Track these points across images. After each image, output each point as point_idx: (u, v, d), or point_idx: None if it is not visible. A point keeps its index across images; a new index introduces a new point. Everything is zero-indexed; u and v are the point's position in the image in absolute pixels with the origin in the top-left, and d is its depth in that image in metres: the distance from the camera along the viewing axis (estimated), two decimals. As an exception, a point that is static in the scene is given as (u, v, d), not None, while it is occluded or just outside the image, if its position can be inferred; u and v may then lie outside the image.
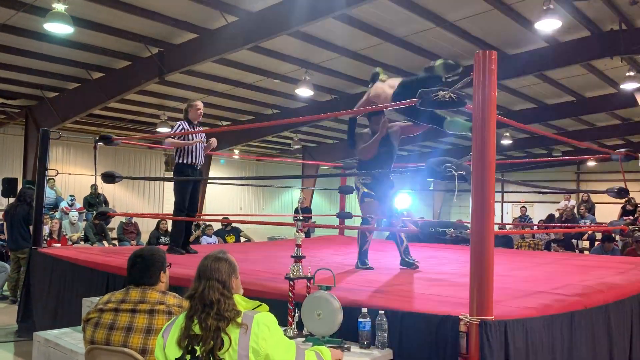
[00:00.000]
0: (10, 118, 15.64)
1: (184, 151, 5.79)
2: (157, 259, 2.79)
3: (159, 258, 2.81)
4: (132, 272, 2.75)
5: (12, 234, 7.88)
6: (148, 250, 2.88)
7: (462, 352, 2.62)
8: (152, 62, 10.22)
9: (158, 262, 2.79)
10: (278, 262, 5.16)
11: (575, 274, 4.60)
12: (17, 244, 7.81)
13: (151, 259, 2.77)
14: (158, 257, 2.81)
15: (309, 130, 18.69)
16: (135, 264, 2.76)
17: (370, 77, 4.98)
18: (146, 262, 2.76)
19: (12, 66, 11.08)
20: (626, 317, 4.02)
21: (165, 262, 2.85)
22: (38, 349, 3.90)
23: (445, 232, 3.04)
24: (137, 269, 2.74)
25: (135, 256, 2.80)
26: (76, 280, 5.18)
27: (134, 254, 2.83)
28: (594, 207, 14.36)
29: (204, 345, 2.13)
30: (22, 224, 7.78)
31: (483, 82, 2.71)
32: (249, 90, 13.12)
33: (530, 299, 3.30)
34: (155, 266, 2.77)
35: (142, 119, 16.37)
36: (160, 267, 2.79)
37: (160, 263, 2.80)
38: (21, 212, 7.87)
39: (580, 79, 12.06)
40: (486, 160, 2.66)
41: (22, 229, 7.77)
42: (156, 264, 2.77)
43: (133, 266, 2.76)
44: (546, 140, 19.50)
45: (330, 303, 2.88)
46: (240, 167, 24.71)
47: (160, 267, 2.79)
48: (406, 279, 4.24)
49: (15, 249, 7.85)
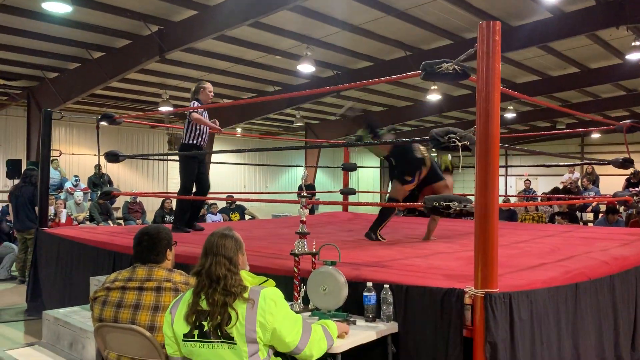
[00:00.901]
0: (12, 99, 15.61)
1: (196, 132, 5.62)
2: (163, 237, 2.81)
3: (165, 236, 2.82)
4: (139, 250, 2.77)
5: (18, 215, 7.93)
6: (154, 228, 2.89)
7: (467, 324, 2.64)
8: (152, 40, 10.14)
9: (164, 240, 2.80)
10: (283, 238, 5.18)
11: (579, 246, 4.61)
12: (23, 225, 7.88)
13: (157, 237, 2.78)
14: (164, 235, 2.82)
15: (311, 107, 18.60)
16: (141, 242, 2.77)
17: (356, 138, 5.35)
18: (152, 239, 2.77)
19: (12, 47, 11.01)
20: (631, 288, 4.03)
21: (171, 240, 2.86)
22: (48, 327, 3.95)
23: (449, 206, 3.04)
24: (143, 247, 2.76)
25: (141, 234, 2.81)
26: (83, 260, 5.22)
27: (140, 231, 2.84)
28: (599, 179, 14.33)
29: (212, 320, 2.16)
30: (27, 205, 7.82)
31: (487, 54, 2.67)
32: (250, 68, 13.03)
33: (534, 271, 3.32)
34: (162, 244, 2.78)
35: (144, 98, 16.32)
36: (166, 245, 2.80)
37: (167, 241, 2.81)
38: (26, 193, 7.91)
39: (585, 49, 11.91)
40: (490, 132, 2.64)
41: (28, 210, 7.81)
42: (162, 241, 2.78)
43: (139, 244, 2.77)
44: (550, 112, 19.37)
45: (336, 278, 2.89)
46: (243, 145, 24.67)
47: (166, 245, 2.80)
48: (411, 253, 4.26)
49: (22, 229, 7.92)
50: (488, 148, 2.64)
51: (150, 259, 2.74)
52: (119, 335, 2.60)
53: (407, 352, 2.83)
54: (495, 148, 2.66)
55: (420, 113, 18.67)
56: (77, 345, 3.62)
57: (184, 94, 15.95)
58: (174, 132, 18.23)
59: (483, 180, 2.65)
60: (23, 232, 7.91)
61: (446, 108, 17.42)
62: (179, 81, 14.13)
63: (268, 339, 2.17)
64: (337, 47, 11.63)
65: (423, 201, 3.24)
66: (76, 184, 12.49)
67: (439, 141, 3.06)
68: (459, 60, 3.15)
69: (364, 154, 29.28)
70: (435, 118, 20.21)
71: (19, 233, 8.09)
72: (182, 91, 15.45)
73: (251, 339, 2.13)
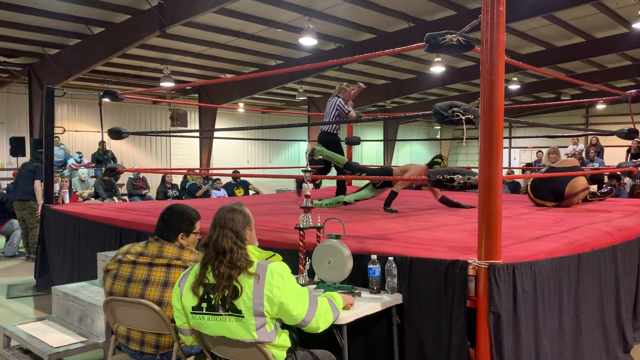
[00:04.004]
0: (13, 77, 15.55)
1: (338, 125, 6.25)
2: (183, 219, 2.76)
3: (185, 219, 2.77)
4: (158, 222, 2.78)
5: (17, 186, 7.95)
6: (180, 207, 2.83)
7: (471, 295, 2.66)
8: (152, 14, 10.04)
9: (182, 222, 2.75)
10: (287, 213, 5.21)
11: (582, 217, 4.63)
12: (17, 196, 7.85)
13: (177, 217, 2.76)
14: (185, 218, 2.77)
15: (314, 81, 18.48)
16: (164, 215, 2.78)
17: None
18: (172, 217, 2.76)
19: (11, 23, 10.93)
20: (633, 258, 4.06)
21: (191, 225, 2.78)
22: (57, 302, 4.02)
23: (453, 179, 3.04)
24: (162, 220, 2.77)
25: (167, 208, 2.82)
26: (90, 236, 5.27)
27: (170, 205, 2.85)
28: (603, 151, 14.26)
29: (218, 293, 2.19)
30: (26, 177, 7.80)
31: (491, 24, 2.64)
32: (252, 41, 12.91)
33: (538, 243, 3.33)
34: (177, 225, 2.74)
35: (145, 74, 16.23)
36: (182, 228, 2.75)
37: (185, 224, 2.76)
38: (29, 166, 7.95)
39: (591, 19, 11.75)
40: (494, 103, 2.63)
41: (25, 184, 7.78)
42: (178, 223, 2.75)
43: (162, 216, 2.78)
44: (555, 84, 19.18)
45: (340, 251, 2.92)
46: (246, 120, 24.60)
47: (182, 228, 2.75)
48: (414, 225, 4.28)
49: (17, 199, 7.86)
50: (492, 120, 2.63)
51: (163, 234, 2.75)
52: (128, 309, 2.64)
53: (411, 323, 2.87)
54: (500, 120, 2.65)
55: (424, 85, 18.54)
56: (86, 320, 3.69)
57: (185, 69, 15.88)
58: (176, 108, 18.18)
59: (487, 152, 2.65)
60: (19, 204, 7.84)
61: (450, 80, 17.30)
62: (180, 56, 14.03)
63: (275, 312, 2.21)
64: (339, 19, 11.50)
65: (427, 174, 3.24)
66: (79, 161, 12.51)
67: (442, 115, 3.04)
68: (463, 31, 3.11)
69: (367, 127, 29.22)
70: (438, 90, 20.08)
71: (15, 207, 8.01)
72: (183, 66, 15.35)
73: (258, 312, 2.17)
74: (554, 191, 5.45)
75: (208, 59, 14.50)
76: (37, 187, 7.67)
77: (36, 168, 7.75)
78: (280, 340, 2.28)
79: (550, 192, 5.48)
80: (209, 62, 15.00)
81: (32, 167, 7.88)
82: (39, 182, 7.62)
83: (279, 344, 2.28)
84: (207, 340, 2.33)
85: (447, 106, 3.03)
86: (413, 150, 32.80)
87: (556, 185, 5.42)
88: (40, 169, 7.70)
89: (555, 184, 5.42)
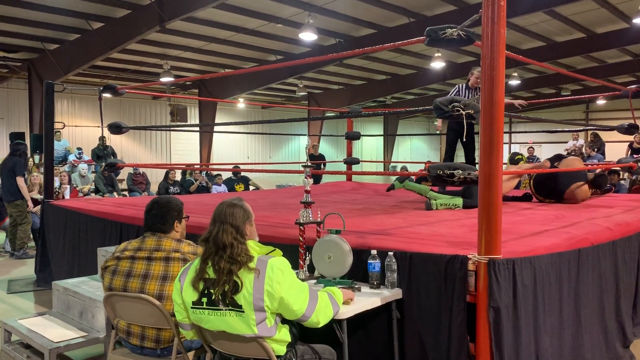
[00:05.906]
0: (13, 72, 15.52)
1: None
2: (173, 207, 2.84)
3: (174, 207, 2.84)
4: (148, 218, 2.80)
5: (3, 187, 7.79)
6: (165, 198, 2.92)
7: (471, 290, 2.67)
8: (151, 9, 10.02)
9: (174, 210, 2.83)
10: (288, 208, 5.21)
11: (583, 212, 4.63)
12: (5, 197, 7.73)
13: (167, 207, 2.82)
14: (174, 206, 2.85)
15: (314, 76, 18.45)
16: (151, 210, 2.81)
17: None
18: (162, 209, 2.80)
19: (10, 18, 10.89)
20: (633, 253, 4.06)
21: (181, 212, 2.88)
22: (58, 297, 4.02)
23: (453, 174, 3.03)
24: (152, 215, 2.79)
25: (152, 203, 2.85)
26: (90, 231, 5.27)
27: (152, 200, 2.88)
28: (604, 146, 14.26)
29: (218, 288, 2.19)
30: (9, 176, 7.57)
31: (492, 19, 2.64)
32: (252, 37, 12.88)
33: (538, 238, 3.34)
34: (171, 214, 2.81)
35: (145, 69, 16.20)
36: (175, 216, 2.83)
37: (176, 212, 2.84)
38: (9, 164, 7.68)
39: (592, 14, 11.71)
40: (495, 99, 2.62)
41: (9, 181, 7.56)
42: (171, 212, 2.81)
43: (149, 212, 2.81)
44: (555, 79, 19.15)
45: (340, 246, 2.92)
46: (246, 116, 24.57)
47: (175, 216, 2.83)
48: (415, 221, 4.29)
49: (6, 201, 7.73)
50: (493, 115, 2.63)
51: (158, 228, 2.77)
52: (128, 304, 2.65)
53: (411, 318, 2.88)
54: (500, 115, 2.65)
55: (424, 81, 18.50)
56: (87, 315, 3.69)
57: (185, 64, 15.84)
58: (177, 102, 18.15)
59: (487, 147, 2.64)
60: (9, 205, 7.71)
61: (450, 75, 17.25)
62: (180, 51, 13.99)
63: (275, 307, 2.21)
64: (340, 14, 11.47)
65: (427, 169, 3.24)
66: (79, 156, 12.51)
67: (443, 110, 3.04)
68: (463, 26, 3.10)
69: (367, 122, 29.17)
70: (439, 86, 20.04)
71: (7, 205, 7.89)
72: (183, 61, 15.32)
73: (259, 307, 2.17)
74: (555, 191, 5.44)
75: (208, 54, 14.47)
76: (20, 185, 7.51)
77: (15, 164, 7.55)
78: (280, 335, 2.28)
79: (551, 191, 5.48)
80: (209, 58, 14.98)
81: (11, 164, 7.64)
82: (21, 179, 7.50)
83: (279, 339, 2.28)
84: (207, 335, 2.33)
85: (448, 101, 3.02)
86: (413, 146, 32.76)
87: (558, 185, 5.41)
88: (20, 164, 7.59)
89: (557, 184, 5.42)
